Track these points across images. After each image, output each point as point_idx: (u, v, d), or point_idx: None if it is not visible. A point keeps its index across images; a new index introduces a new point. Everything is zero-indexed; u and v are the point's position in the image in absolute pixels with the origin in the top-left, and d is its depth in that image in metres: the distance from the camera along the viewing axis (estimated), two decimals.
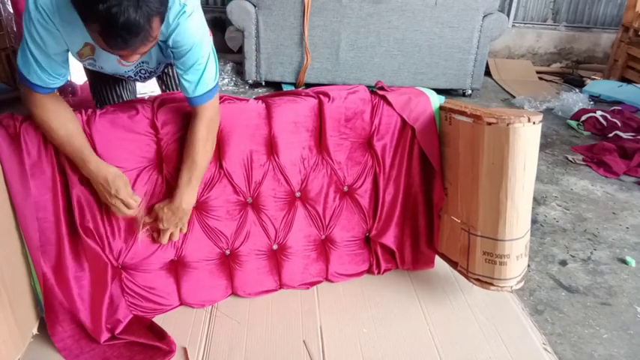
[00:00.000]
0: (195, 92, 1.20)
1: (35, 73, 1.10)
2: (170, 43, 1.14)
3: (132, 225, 1.32)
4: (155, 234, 1.34)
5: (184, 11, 1.10)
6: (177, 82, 1.60)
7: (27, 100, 1.16)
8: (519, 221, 1.31)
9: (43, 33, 1.05)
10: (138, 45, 0.97)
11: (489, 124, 1.26)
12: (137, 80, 1.49)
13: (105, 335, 1.29)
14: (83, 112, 1.26)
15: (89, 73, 1.57)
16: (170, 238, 1.34)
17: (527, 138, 1.24)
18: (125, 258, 1.35)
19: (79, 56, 1.20)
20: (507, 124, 1.22)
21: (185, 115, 1.31)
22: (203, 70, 1.19)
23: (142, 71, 1.39)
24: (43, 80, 1.11)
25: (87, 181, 1.25)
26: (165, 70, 1.59)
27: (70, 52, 1.16)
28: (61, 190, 1.23)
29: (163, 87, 1.64)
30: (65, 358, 1.26)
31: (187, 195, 1.29)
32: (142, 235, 1.33)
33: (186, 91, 1.21)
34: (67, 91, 2.76)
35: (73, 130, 1.19)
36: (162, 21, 1.00)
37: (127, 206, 1.25)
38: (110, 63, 1.27)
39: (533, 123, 1.24)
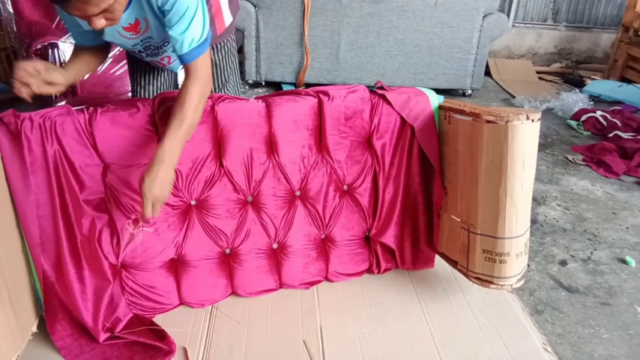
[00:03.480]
0: (183, 49, 1.18)
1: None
2: (159, 2, 1.13)
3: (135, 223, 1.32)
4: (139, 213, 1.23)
5: None
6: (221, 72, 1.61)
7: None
8: (519, 219, 1.31)
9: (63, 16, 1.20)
10: (79, 8, 0.99)
11: (488, 122, 1.26)
12: (145, 55, 1.44)
13: (105, 334, 1.29)
14: (85, 110, 1.27)
15: (128, 62, 1.60)
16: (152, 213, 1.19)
17: (525, 136, 1.24)
18: (125, 257, 1.35)
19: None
20: (506, 122, 1.22)
21: None
22: (189, 24, 1.16)
23: (151, 47, 1.35)
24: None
25: (87, 179, 1.25)
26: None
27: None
28: (58, 188, 1.23)
29: None
30: (64, 358, 1.26)
31: (170, 146, 1.17)
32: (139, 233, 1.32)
33: (175, 50, 1.20)
34: (66, 90, 2.76)
35: None
36: None
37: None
38: (113, 35, 1.26)
39: (532, 121, 1.24)
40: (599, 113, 3.24)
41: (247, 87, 3.75)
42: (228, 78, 1.66)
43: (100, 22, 1.06)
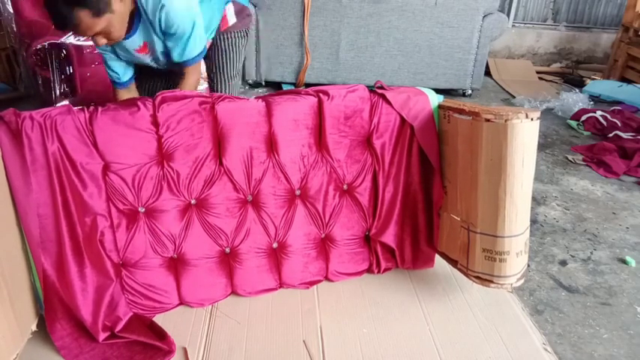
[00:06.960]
0: (182, 58, 1.49)
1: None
2: (163, 26, 1.38)
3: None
4: None
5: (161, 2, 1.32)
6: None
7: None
8: (518, 218, 1.31)
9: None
10: (74, 31, 1.26)
11: (487, 120, 1.26)
12: (159, 66, 1.60)
13: (104, 333, 1.29)
14: (85, 108, 1.27)
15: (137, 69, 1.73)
16: None
17: (525, 134, 1.24)
18: (125, 255, 1.34)
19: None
20: (505, 121, 1.23)
21: (186, 113, 1.32)
22: (187, 42, 1.44)
23: (156, 59, 1.55)
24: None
25: (88, 177, 1.25)
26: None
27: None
28: (59, 187, 1.23)
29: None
30: (64, 358, 1.25)
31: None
32: None
33: (173, 58, 1.48)
34: (67, 90, 2.76)
35: None
36: (93, 13, 1.21)
37: None
38: (131, 56, 1.53)
39: (531, 119, 1.24)
40: (599, 113, 3.24)
41: (247, 87, 3.75)
42: (224, 62, 1.81)
43: (101, 41, 1.31)
